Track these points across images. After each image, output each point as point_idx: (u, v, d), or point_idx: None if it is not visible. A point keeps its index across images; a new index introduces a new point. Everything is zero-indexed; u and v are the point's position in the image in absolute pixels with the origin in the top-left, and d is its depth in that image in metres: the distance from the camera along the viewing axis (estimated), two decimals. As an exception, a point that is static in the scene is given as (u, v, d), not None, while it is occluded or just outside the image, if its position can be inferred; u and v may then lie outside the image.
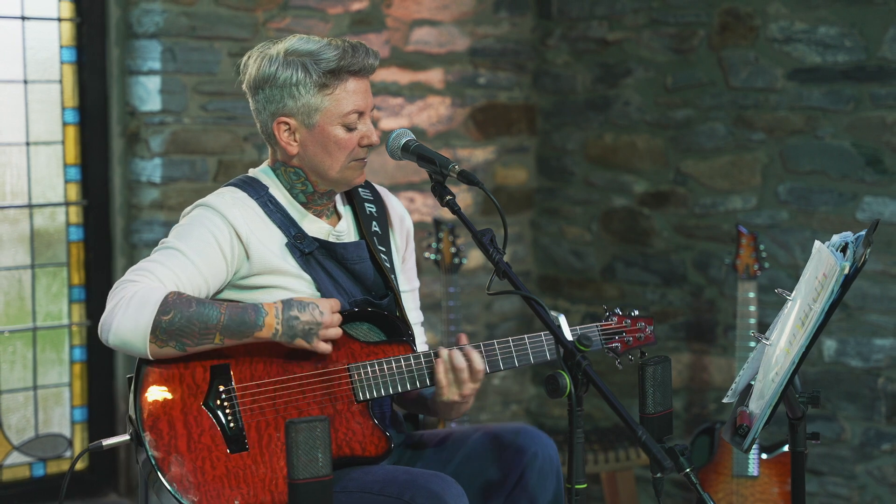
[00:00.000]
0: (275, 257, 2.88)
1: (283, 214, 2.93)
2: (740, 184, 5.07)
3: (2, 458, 4.72)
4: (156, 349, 2.72)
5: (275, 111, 2.91)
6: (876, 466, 4.80)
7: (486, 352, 2.94)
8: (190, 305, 2.72)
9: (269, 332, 2.75)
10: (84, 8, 4.75)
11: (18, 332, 4.75)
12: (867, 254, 2.69)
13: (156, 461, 2.70)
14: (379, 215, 3.08)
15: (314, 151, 2.93)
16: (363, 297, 2.97)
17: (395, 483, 2.77)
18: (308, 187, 2.97)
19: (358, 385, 2.87)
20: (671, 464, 2.60)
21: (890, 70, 4.68)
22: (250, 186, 2.95)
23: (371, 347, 2.91)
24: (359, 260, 2.98)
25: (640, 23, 5.31)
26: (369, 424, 2.87)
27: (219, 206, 2.88)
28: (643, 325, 3.14)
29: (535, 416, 5.74)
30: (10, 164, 4.71)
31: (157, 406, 2.74)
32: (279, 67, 2.88)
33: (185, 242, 2.83)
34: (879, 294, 4.75)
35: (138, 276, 2.77)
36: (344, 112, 2.91)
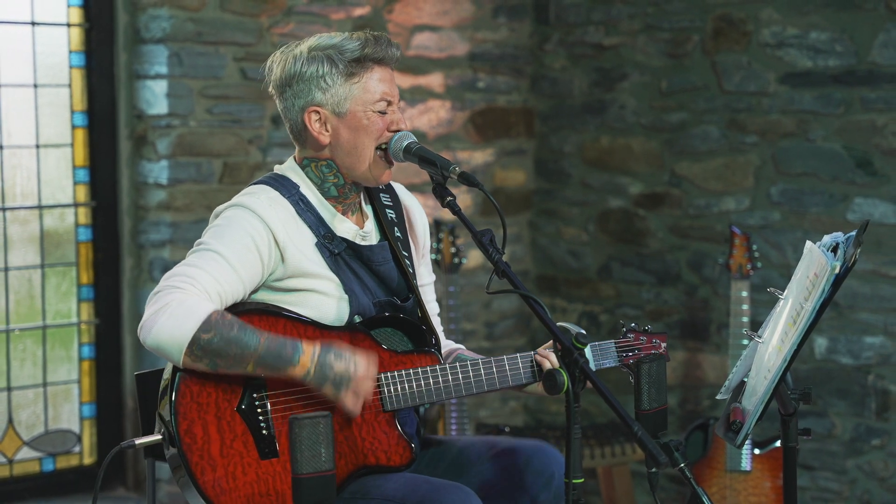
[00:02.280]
0: (307, 260, 2.84)
1: (313, 214, 2.90)
2: (733, 185, 5.07)
3: (12, 453, 4.72)
4: (189, 362, 2.68)
5: (304, 104, 2.89)
6: (866, 461, 4.80)
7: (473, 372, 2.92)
8: (232, 329, 2.67)
9: (301, 371, 2.70)
10: (93, 14, 4.75)
11: (29, 330, 4.75)
12: (857, 254, 2.69)
13: (189, 465, 2.68)
14: (399, 220, 3.05)
15: (346, 139, 2.90)
16: (387, 298, 2.94)
17: (416, 493, 2.73)
18: (340, 179, 2.93)
19: (386, 396, 2.84)
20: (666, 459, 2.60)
21: (879, 74, 4.68)
22: (282, 185, 2.90)
23: (399, 357, 2.88)
24: (383, 262, 2.96)
25: (636, 28, 5.31)
26: (395, 434, 2.85)
27: (256, 207, 2.83)
28: (657, 343, 3.12)
29: (533, 413, 5.74)
30: (20, 167, 4.71)
31: (193, 411, 2.70)
32: (304, 64, 2.88)
33: (224, 245, 2.77)
34: (869, 293, 4.75)
35: (183, 282, 2.71)
36: (374, 100, 2.90)
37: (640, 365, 2.75)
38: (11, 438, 4.72)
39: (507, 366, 2.93)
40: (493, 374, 2.91)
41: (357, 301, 2.88)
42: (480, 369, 2.90)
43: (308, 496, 2.47)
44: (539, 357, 2.95)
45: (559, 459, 2.92)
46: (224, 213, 2.86)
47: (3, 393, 4.70)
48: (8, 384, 4.70)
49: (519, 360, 2.94)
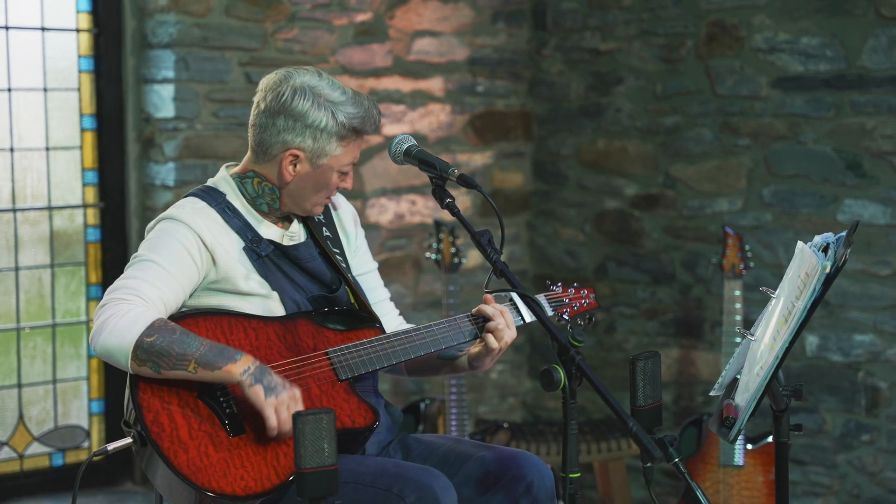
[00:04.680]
0: (236, 262, 2.92)
1: (240, 220, 2.97)
2: (726, 187, 5.06)
3: (23, 448, 4.72)
4: (135, 366, 2.75)
5: (289, 141, 2.94)
6: (856, 456, 4.80)
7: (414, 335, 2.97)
8: (174, 333, 2.75)
9: (240, 368, 2.74)
10: (101, 19, 4.75)
11: (39, 328, 4.75)
12: (847, 254, 2.68)
13: (161, 450, 2.72)
14: (327, 220, 3.13)
15: (304, 185, 2.97)
16: (319, 292, 3.00)
17: (386, 475, 2.77)
18: (275, 204, 3.00)
19: (338, 366, 2.90)
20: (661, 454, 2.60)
21: (869, 78, 4.68)
22: (208, 195, 2.98)
23: (345, 334, 2.96)
24: (310, 258, 3.02)
25: (631, 34, 5.31)
26: (354, 399, 2.89)
27: (181, 216, 2.91)
28: (585, 293, 3.20)
29: (530, 409, 5.74)
30: (30, 169, 4.71)
31: (155, 403, 2.77)
32: (312, 107, 2.92)
33: (158, 254, 2.87)
34: (859, 292, 4.75)
35: (126, 294, 2.81)
36: (346, 163, 2.98)
37: (636, 362, 2.75)
38: (22, 434, 4.72)
39: (446, 325, 2.98)
40: (434, 334, 2.97)
41: (289, 299, 2.95)
42: (422, 331, 2.97)
43: (311, 490, 2.47)
44: (475, 310, 3.00)
45: (540, 468, 2.93)
46: (155, 226, 2.95)
47: (13, 389, 4.70)
48: (18, 381, 4.70)
49: (457, 319, 3.00)
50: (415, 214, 5.36)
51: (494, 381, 5.66)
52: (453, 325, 2.99)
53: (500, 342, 2.97)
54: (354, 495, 2.76)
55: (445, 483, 2.77)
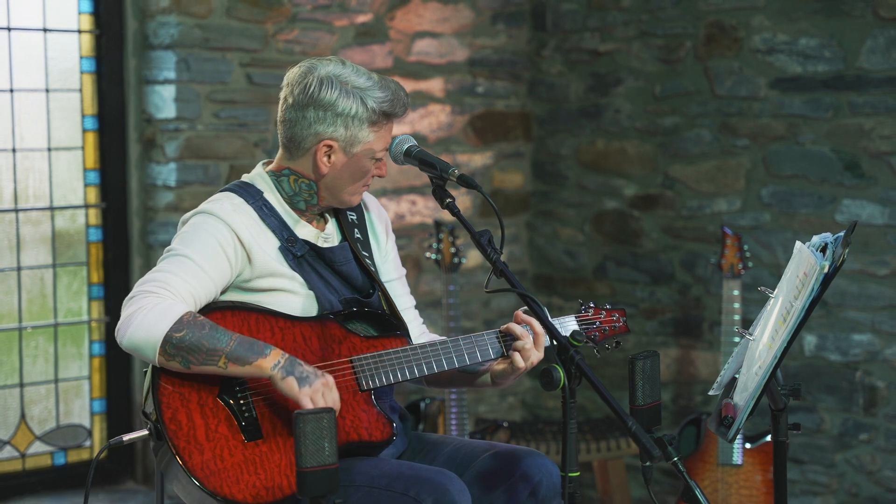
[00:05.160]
0: (273, 261, 2.88)
1: (276, 219, 2.93)
2: (725, 187, 5.06)
3: (25, 447, 4.72)
4: (163, 361, 2.71)
5: (321, 132, 2.90)
6: (854, 455, 4.80)
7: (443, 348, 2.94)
8: (203, 328, 2.71)
9: (271, 362, 2.72)
10: (103, 21, 4.75)
11: (41, 327, 4.75)
12: (845, 254, 2.68)
13: (177, 450, 2.70)
14: (359, 221, 3.09)
15: (341, 175, 2.93)
16: (351, 295, 2.97)
17: (402, 479, 2.75)
18: (313, 199, 2.97)
19: (361, 375, 2.87)
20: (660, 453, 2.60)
21: (867, 79, 4.68)
22: (246, 192, 2.93)
23: (371, 341, 2.92)
24: (345, 262, 2.98)
25: (631, 35, 5.31)
26: (374, 412, 2.86)
27: (219, 212, 2.86)
28: (617, 317, 3.14)
29: (530, 408, 5.74)
30: (32, 169, 4.71)
31: (175, 399, 2.74)
32: (341, 95, 2.89)
33: (192, 248, 2.82)
34: (857, 292, 4.75)
35: (156, 287, 2.76)
36: (379, 149, 2.94)
37: (635, 361, 2.75)
38: (24, 433, 4.72)
39: (473, 341, 2.95)
40: (461, 349, 2.94)
41: (323, 299, 2.91)
42: (448, 345, 2.94)
43: (312, 489, 2.47)
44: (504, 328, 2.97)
45: (548, 468, 2.91)
46: (190, 220, 2.90)
47: (15, 389, 4.70)
48: (21, 380, 4.70)
49: (485, 335, 2.97)
50: (415, 214, 5.36)
51: (494, 380, 5.65)
52: (480, 342, 2.96)
53: (525, 362, 2.94)
54: (369, 499, 2.75)
55: (460, 485, 2.76)
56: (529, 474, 2.90)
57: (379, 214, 3.15)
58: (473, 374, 3.05)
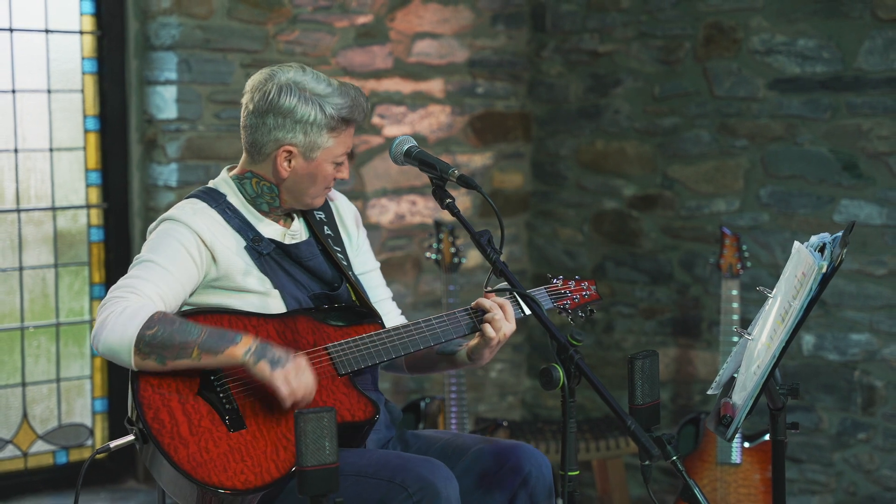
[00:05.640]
0: (238, 259, 2.93)
1: (240, 219, 2.98)
2: (724, 188, 5.06)
3: (27, 446, 4.72)
4: (139, 361, 2.76)
5: (281, 138, 2.96)
6: (852, 454, 4.80)
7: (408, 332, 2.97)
8: (173, 323, 2.77)
9: (242, 349, 2.76)
10: (104, 22, 4.75)
11: (43, 327, 4.75)
12: (844, 254, 2.68)
13: (162, 447, 2.72)
14: (328, 219, 3.14)
15: (301, 179, 2.98)
16: (320, 290, 3.01)
17: (388, 467, 2.78)
18: (275, 202, 3.02)
19: (338, 361, 2.90)
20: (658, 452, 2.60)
21: (865, 80, 4.67)
22: (209, 196, 3.00)
23: (344, 329, 2.97)
24: (311, 256, 3.03)
25: (630, 36, 5.31)
26: (354, 393, 2.90)
27: (181, 217, 2.93)
28: (586, 286, 3.17)
29: (530, 407, 5.74)
30: (34, 169, 4.71)
31: (156, 400, 2.78)
32: (299, 102, 2.93)
33: (158, 254, 2.89)
34: (855, 292, 4.75)
35: (125, 292, 2.83)
36: (339, 153, 2.99)
37: (634, 361, 2.75)
38: (26, 432, 4.72)
39: (445, 319, 2.98)
40: (433, 328, 2.97)
41: (291, 296, 2.95)
42: (422, 325, 2.97)
43: (312, 488, 2.47)
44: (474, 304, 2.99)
45: (537, 459, 2.94)
46: (155, 228, 2.97)
47: (18, 388, 4.70)
48: (23, 380, 4.70)
49: (457, 312, 3.00)
50: (415, 215, 5.36)
51: (494, 379, 5.66)
52: (452, 319, 2.99)
53: (497, 333, 2.96)
54: (357, 487, 2.77)
55: (447, 473, 2.78)
56: (520, 465, 2.92)
57: (347, 208, 3.19)
58: (450, 354, 3.08)
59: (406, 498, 2.72)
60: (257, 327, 2.89)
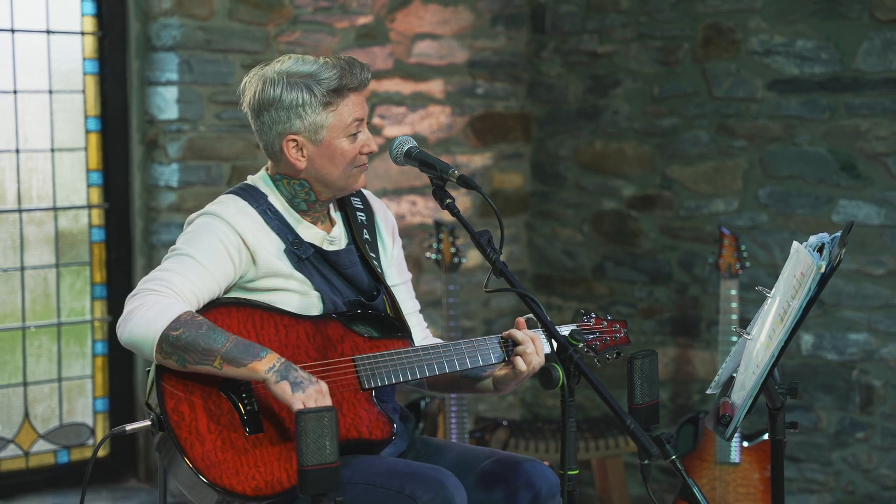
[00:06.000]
0: (277, 262, 2.88)
1: (280, 222, 2.93)
2: (723, 188, 5.06)
3: (28, 445, 4.72)
4: (160, 358, 2.72)
5: (282, 131, 2.91)
6: (850, 453, 4.80)
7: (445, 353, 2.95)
8: (200, 328, 2.71)
9: (265, 365, 2.71)
10: (106, 22, 4.75)
11: (44, 327, 4.75)
12: (842, 254, 2.68)
13: (178, 440, 2.70)
14: (368, 223, 3.09)
15: (321, 164, 2.93)
16: (356, 297, 2.97)
17: (398, 476, 2.76)
18: (311, 196, 2.97)
19: (363, 374, 2.87)
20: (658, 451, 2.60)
21: (863, 81, 4.68)
22: (250, 195, 2.94)
23: (373, 342, 2.92)
24: (350, 264, 2.98)
25: (629, 37, 5.31)
26: (374, 410, 2.87)
27: (224, 214, 2.88)
28: (618, 328, 3.14)
29: (529, 407, 5.74)
30: (36, 170, 4.71)
31: (179, 390, 2.74)
32: (283, 90, 2.89)
33: (196, 248, 2.83)
34: (854, 291, 4.75)
35: (158, 285, 2.77)
36: (347, 124, 2.91)
37: (633, 360, 2.75)
38: (28, 431, 4.72)
39: (475, 345, 2.96)
40: (462, 353, 2.95)
41: (327, 300, 2.92)
42: (451, 349, 2.94)
43: (313, 487, 2.47)
44: (506, 334, 2.97)
45: (548, 477, 2.92)
46: (195, 220, 2.91)
47: (19, 388, 4.70)
48: (24, 379, 4.70)
49: (487, 340, 2.97)
50: (415, 215, 5.36)
51: (494, 379, 5.65)
52: (482, 346, 2.96)
53: (528, 366, 2.93)
54: (366, 496, 2.75)
55: (456, 483, 2.76)
56: (531, 482, 2.90)
57: (386, 219, 3.14)
58: (475, 379, 3.05)
59: None
60: (288, 327, 2.85)
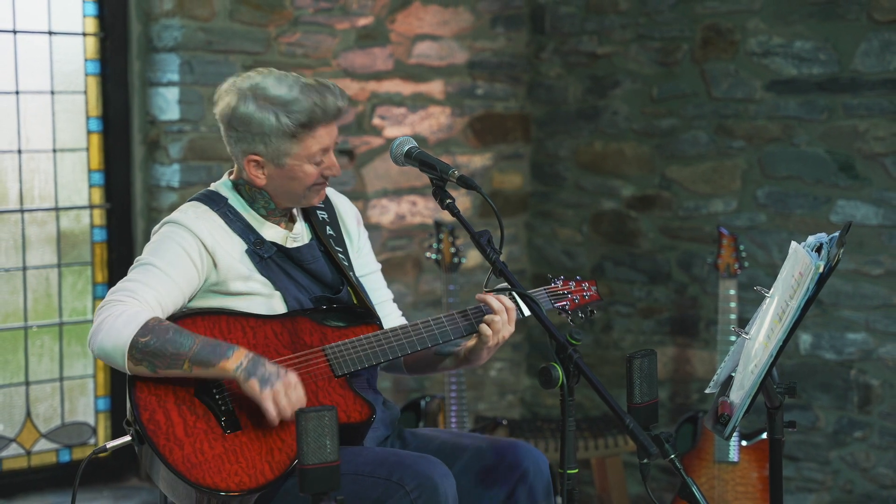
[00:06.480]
0: (238, 264, 2.91)
1: (242, 223, 2.96)
2: (721, 188, 5.06)
3: (30, 444, 4.72)
4: (132, 366, 2.76)
5: (246, 149, 2.93)
6: (848, 452, 4.80)
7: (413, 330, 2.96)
8: (167, 332, 2.75)
9: (234, 363, 2.74)
10: (107, 24, 4.75)
11: (46, 326, 4.75)
12: (840, 254, 2.68)
13: (157, 448, 2.72)
14: (331, 219, 3.11)
15: (281, 182, 2.95)
16: (321, 293, 2.99)
17: (385, 465, 2.78)
18: (270, 205, 3.00)
19: (334, 362, 2.89)
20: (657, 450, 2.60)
21: (861, 82, 4.67)
22: (211, 200, 2.98)
23: (342, 331, 2.95)
24: (313, 259, 3.01)
25: (628, 38, 5.31)
26: (350, 395, 2.89)
27: (184, 220, 2.92)
28: (587, 286, 3.15)
29: (529, 406, 5.74)
30: (38, 170, 4.71)
31: (152, 402, 2.78)
32: (254, 111, 2.89)
33: (159, 258, 2.87)
34: (852, 291, 4.75)
35: (124, 296, 2.82)
36: (311, 153, 2.92)
37: (632, 360, 2.75)
38: (30, 431, 4.72)
39: (444, 320, 2.97)
40: (431, 329, 2.96)
41: (293, 298, 2.94)
42: (420, 327, 2.95)
43: (313, 486, 2.47)
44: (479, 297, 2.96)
45: (535, 456, 2.93)
46: (157, 231, 2.96)
47: (21, 387, 4.70)
48: (26, 379, 4.70)
49: (455, 314, 2.98)
50: (415, 215, 5.36)
51: (494, 378, 5.66)
52: (450, 320, 2.97)
53: (496, 335, 2.94)
54: (354, 486, 2.76)
55: (444, 470, 2.78)
56: (518, 462, 2.92)
57: (348, 210, 3.17)
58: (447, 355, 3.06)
59: (404, 496, 2.72)
60: (255, 328, 2.88)
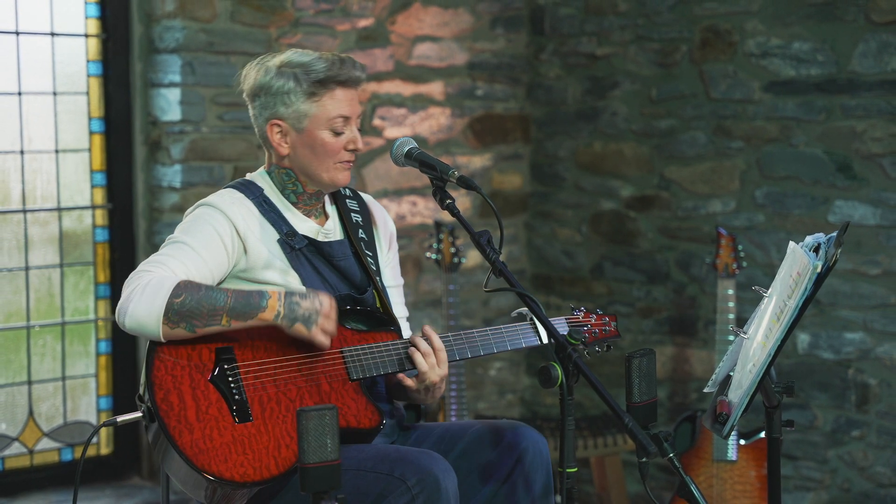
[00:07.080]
0: (268, 253, 2.92)
1: (276, 213, 2.98)
2: (720, 188, 5.06)
3: (33, 443, 4.72)
4: (168, 330, 2.75)
5: (269, 116, 2.98)
6: (846, 451, 4.80)
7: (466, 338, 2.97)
8: (199, 290, 2.76)
9: (272, 314, 2.77)
10: (109, 25, 4.75)
11: (48, 326, 4.75)
12: (838, 254, 2.68)
13: (168, 429, 2.72)
14: (364, 223, 3.12)
15: (303, 153, 2.97)
16: (347, 291, 2.99)
17: (387, 460, 2.78)
18: (298, 187, 3.01)
19: (351, 366, 2.89)
20: (656, 449, 2.60)
21: (859, 82, 4.67)
22: (246, 188, 3.00)
23: (361, 334, 2.95)
24: (343, 257, 3.02)
25: (627, 39, 5.31)
26: (363, 400, 2.89)
27: (220, 204, 2.93)
28: (607, 321, 3.18)
29: (529, 405, 5.74)
30: (40, 171, 4.71)
31: (168, 382, 2.77)
32: (273, 77, 2.96)
33: (191, 237, 2.87)
34: (849, 291, 4.75)
35: (152, 266, 2.81)
36: (330, 117, 2.96)
37: (631, 359, 2.75)
38: (32, 430, 4.72)
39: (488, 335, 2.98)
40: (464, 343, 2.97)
41: None
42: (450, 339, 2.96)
43: (314, 485, 2.47)
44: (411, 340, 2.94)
45: (533, 437, 2.94)
46: (192, 212, 2.96)
47: (24, 386, 4.70)
48: (29, 378, 4.70)
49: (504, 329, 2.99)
50: (415, 215, 5.36)
51: (493, 377, 5.66)
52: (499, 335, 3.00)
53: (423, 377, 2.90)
54: (356, 481, 2.76)
55: (446, 466, 2.78)
56: (515, 443, 2.92)
57: (385, 224, 3.18)
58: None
59: (405, 491, 2.72)
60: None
